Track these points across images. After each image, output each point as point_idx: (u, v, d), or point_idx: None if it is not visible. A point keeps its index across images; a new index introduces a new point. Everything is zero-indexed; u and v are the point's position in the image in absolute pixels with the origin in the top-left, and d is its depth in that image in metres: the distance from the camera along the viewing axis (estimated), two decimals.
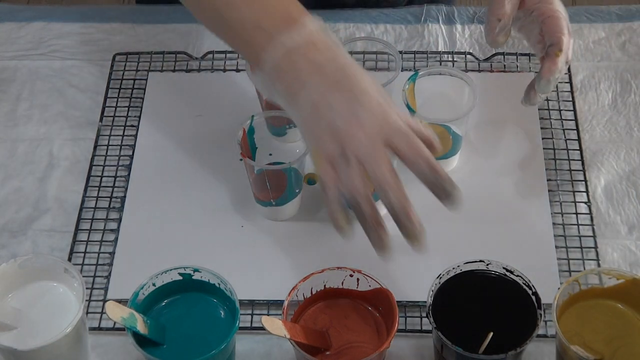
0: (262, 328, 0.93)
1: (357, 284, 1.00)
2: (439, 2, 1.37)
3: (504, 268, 0.98)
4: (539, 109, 1.22)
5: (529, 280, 0.97)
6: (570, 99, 1.24)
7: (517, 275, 0.98)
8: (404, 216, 0.94)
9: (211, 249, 1.10)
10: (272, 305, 1.06)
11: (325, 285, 1.00)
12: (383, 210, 0.95)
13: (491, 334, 0.92)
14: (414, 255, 1.08)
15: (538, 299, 0.96)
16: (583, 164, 1.17)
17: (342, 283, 1.00)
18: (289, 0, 1.00)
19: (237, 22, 1.00)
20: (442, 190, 0.94)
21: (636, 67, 1.27)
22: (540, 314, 0.95)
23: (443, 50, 1.30)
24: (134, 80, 1.27)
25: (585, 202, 1.14)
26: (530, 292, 0.97)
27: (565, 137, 1.20)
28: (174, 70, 1.28)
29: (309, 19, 0.98)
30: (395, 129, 0.94)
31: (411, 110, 1.11)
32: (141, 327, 0.95)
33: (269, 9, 0.99)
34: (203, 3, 1.03)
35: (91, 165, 1.18)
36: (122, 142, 1.21)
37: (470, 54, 1.28)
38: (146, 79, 1.27)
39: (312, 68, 0.96)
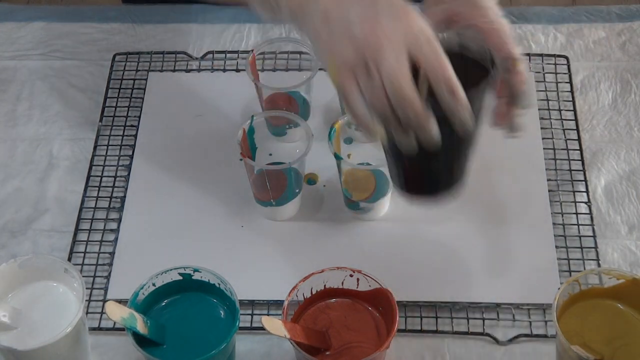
0: (262, 328, 0.92)
1: (357, 284, 1.00)
2: None
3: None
4: (539, 109, 1.22)
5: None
6: (570, 99, 1.24)
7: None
8: (421, 131, 0.87)
9: (211, 249, 1.10)
10: (272, 305, 1.06)
11: (325, 285, 1.00)
12: None
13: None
14: (413, 255, 1.08)
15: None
16: (583, 164, 1.17)
17: (342, 283, 1.00)
18: None
19: None
20: (457, 119, 0.87)
21: (636, 67, 1.27)
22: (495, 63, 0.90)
23: None
24: (134, 80, 1.27)
25: (585, 202, 1.14)
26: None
27: (565, 137, 1.20)
28: (174, 70, 1.28)
29: None
30: (420, 38, 0.86)
31: None
32: (141, 327, 0.95)
33: None
34: None
35: (91, 165, 1.18)
36: (122, 142, 1.21)
37: None
38: (146, 79, 1.27)
39: None
